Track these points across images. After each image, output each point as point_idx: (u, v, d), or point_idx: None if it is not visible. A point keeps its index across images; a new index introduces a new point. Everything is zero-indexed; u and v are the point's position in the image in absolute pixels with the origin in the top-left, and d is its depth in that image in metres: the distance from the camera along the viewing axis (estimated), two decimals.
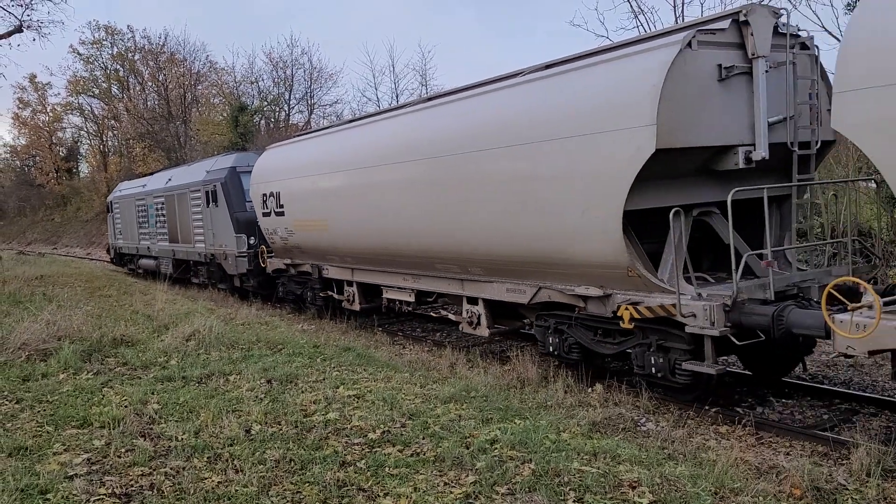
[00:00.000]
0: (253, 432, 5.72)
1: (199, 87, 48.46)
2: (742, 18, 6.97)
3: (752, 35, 6.99)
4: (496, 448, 5.27)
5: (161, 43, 51.46)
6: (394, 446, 5.40)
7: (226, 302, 16.58)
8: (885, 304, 5.62)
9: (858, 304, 5.68)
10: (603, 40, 17.66)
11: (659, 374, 7.19)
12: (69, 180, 62.42)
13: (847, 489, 5.06)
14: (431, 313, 10.98)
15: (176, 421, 6.07)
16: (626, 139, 6.68)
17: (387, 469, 4.93)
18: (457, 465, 4.98)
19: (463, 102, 9.39)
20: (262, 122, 42.21)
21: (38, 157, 67.06)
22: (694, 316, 6.63)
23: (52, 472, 4.92)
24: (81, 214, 52.80)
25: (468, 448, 5.29)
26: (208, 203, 17.33)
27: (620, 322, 7.27)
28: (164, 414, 6.29)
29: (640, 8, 18.10)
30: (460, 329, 10.02)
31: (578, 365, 8.27)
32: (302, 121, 43.35)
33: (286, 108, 44.44)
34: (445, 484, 4.68)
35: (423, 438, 5.54)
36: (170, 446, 5.43)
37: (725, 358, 8.38)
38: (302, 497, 4.54)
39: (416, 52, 68.76)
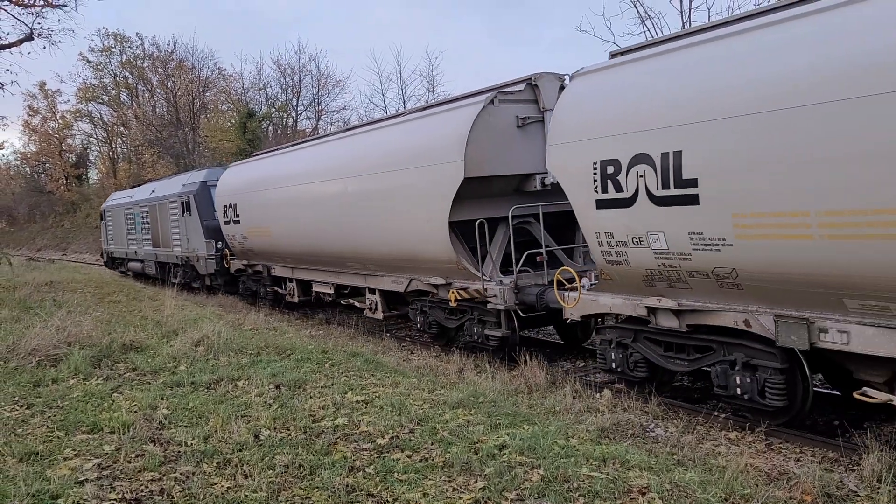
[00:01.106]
0: (262, 438, 5.72)
1: (208, 94, 48.73)
2: (534, 82, 9.54)
3: (541, 94, 9.54)
4: (505, 453, 5.27)
5: (170, 50, 51.83)
6: (402, 452, 5.40)
7: (234, 307, 16.65)
8: (592, 286, 8.12)
9: (572, 285, 8.33)
10: (610, 46, 17.69)
11: (479, 340, 9.95)
12: (79, 187, 62.78)
13: (858, 495, 5.03)
14: (342, 301, 13.77)
15: (185, 426, 6.08)
16: (447, 170, 9.21)
17: (395, 475, 4.93)
18: (465, 470, 4.97)
19: (358, 137, 12.12)
20: (270, 128, 42.39)
21: (47, 164, 67.52)
22: (496, 296, 9.25)
23: (63, 477, 4.94)
24: (91, 221, 53.04)
25: (477, 453, 5.28)
26: (183, 212, 19.55)
27: (450, 302, 9.84)
28: (173, 419, 6.31)
29: (646, 13, 18.11)
30: (364, 314, 12.56)
31: (439, 337, 11.27)
32: (310, 127, 43.55)
33: (294, 115, 44.66)
34: (454, 489, 4.68)
35: (432, 444, 5.54)
36: (179, 451, 5.44)
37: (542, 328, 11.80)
38: (311, 502, 4.54)
39: (423, 58, 68.91)
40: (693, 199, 6.26)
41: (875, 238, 5.14)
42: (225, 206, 16.66)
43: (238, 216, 16.00)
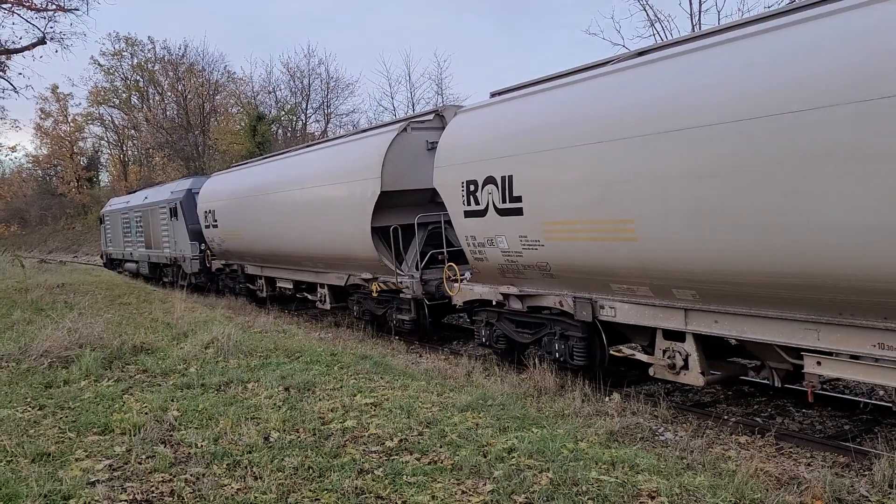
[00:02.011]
0: (271, 440, 5.74)
1: (218, 97, 48.97)
2: (440, 112, 11.51)
3: (446, 122, 10.69)
4: (514, 457, 5.26)
5: (180, 53, 52.12)
6: (411, 454, 5.40)
7: (243, 310, 16.72)
8: (470, 279, 9.94)
9: (455, 277, 10.20)
10: (619, 49, 17.68)
11: (395, 324, 12.12)
12: (90, 189, 63.20)
13: (869, 500, 5.01)
14: (297, 295, 15.78)
15: (195, 428, 6.11)
16: (369, 185, 11.30)
17: (404, 477, 4.93)
18: (474, 473, 4.97)
19: (308, 154, 14.62)
20: (280, 131, 42.55)
21: (59, 167, 67.99)
22: (408, 287, 11.25)
23: (75, 477, 4.96)
24: None
25: (485, 456, 5.28)
26: (171, 217, 21.62)
27: (372, 292, 12.18)
28: (183, 421, 6.33)
29: (656, 16, 18.06)
30: (317, 305, 14.76)
31: (372, 323, 13.34)
32: (318, 130, 43.66)
33: (303, 118, 44.81)
34: (463, 492, 4.68)
35: (441, 447, 5.54)
36: (190, 453, 5.47)
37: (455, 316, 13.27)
38: None
39: (431, 61, 69.05)
40: (520, 211, 8.32)
41: (610, 240, 7.28)
42: (205, 211, 18.84)
43: (216, 221, 18.21)
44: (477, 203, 8.96)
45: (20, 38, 23.39)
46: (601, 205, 7.23)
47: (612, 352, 8.28)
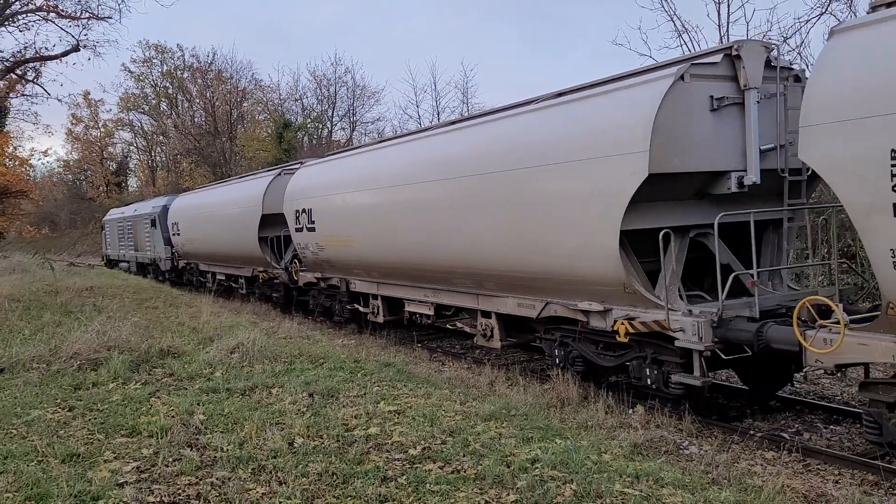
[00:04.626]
0: (296, 445, 5.78)
1: (245, 105, 49.49)
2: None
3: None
4: (537, 467, 5.25)
5: (209, 61, 52.87)
6: (434, 463, 5.41)
7: (268, 315, 16.87)
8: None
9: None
10: (646, 59, 17.61)
11: (275, 300, 18.34)
12: (118, 194, 64.14)
13: None
14: (226, 284, 21.41)
15: (221, 432, 6.17)
16: (255, 209, 17.45)
17: (428, 485, 4.94)
18: (497, 483, 4.97)
19: (228, 186, 21.26)
20: (306, 138, 42.88)
21: (89, 172, 69.20)
22: (279, 276, 17.16)
23: (104, 479, 5.04)
24: None
25: (509, 467, 5.27)
26: (152, 226, 27.59)
27: (259, 279, 18.20)
28: (209, 425, 6.40)
29: (683, 27, 17.91)
30: (238, 291, 20.63)
31: (266, 300, 18.99)
32: (344, 138, 43.92)
33: (329, 126, 45.14)
34: (486, 502, 4.68)
35: (464, 456, 5.54)
36: (215, 457, 5.52)
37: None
38: None
39: (458, 70, 69.21)
40: (315, 230, 14.09)
41: (346, 246, 13.11)
42: (172, 223, 24.60)
43: (179, 231, 23.91)
44: (300, 224, 14.65)
45: (53, 46, 23.93)
46: (343, 226, 13.05)
47: (348, 307, 14.01)
